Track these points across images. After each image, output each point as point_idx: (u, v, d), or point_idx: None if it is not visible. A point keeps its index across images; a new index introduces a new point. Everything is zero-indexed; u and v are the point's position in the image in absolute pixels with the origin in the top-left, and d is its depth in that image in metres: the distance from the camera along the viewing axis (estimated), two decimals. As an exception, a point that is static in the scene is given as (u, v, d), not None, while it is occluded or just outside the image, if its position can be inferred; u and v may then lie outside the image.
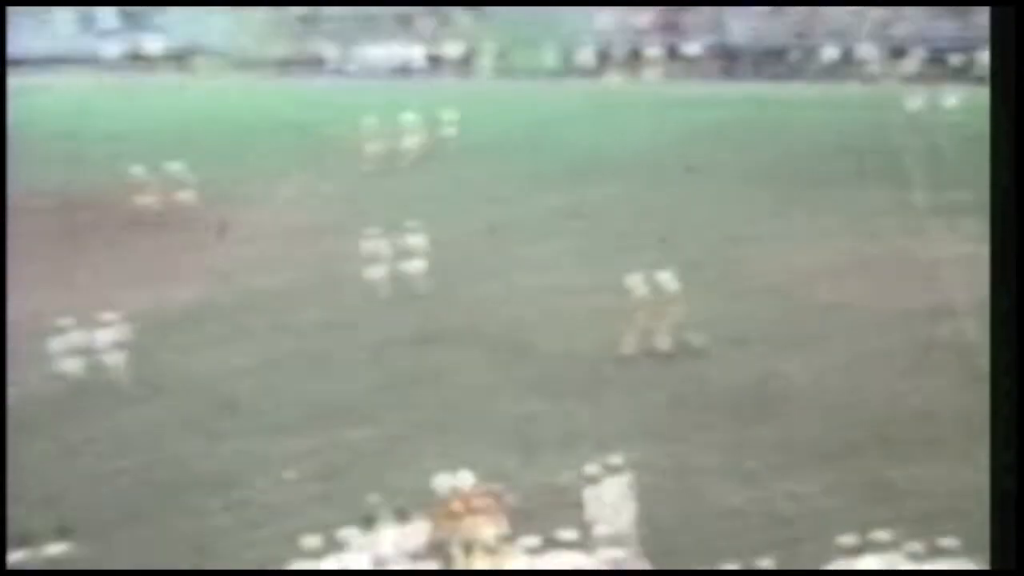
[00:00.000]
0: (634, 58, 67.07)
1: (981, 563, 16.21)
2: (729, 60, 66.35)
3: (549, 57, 66.98)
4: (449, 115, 48.40)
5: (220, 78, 65.93)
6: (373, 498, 18.83)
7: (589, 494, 19.35)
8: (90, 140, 51.51)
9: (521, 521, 18.76)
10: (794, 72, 64.05)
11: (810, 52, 65.00)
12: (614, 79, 65.40)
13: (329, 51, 68.99)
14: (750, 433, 24.53)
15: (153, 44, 69.42)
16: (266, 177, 44.97)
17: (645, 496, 21.55)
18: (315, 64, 68.45)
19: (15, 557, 17.38)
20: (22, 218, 38.86)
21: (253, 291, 33.27)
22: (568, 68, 66.79)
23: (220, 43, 69.64)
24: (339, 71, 67.91)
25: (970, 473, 20.02)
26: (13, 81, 53.28)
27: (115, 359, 26.58)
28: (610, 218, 39.70)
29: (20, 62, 65.27)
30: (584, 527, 18.16)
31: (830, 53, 63.73)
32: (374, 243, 32.30)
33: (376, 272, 32.02)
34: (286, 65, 68.08)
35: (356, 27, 69.13)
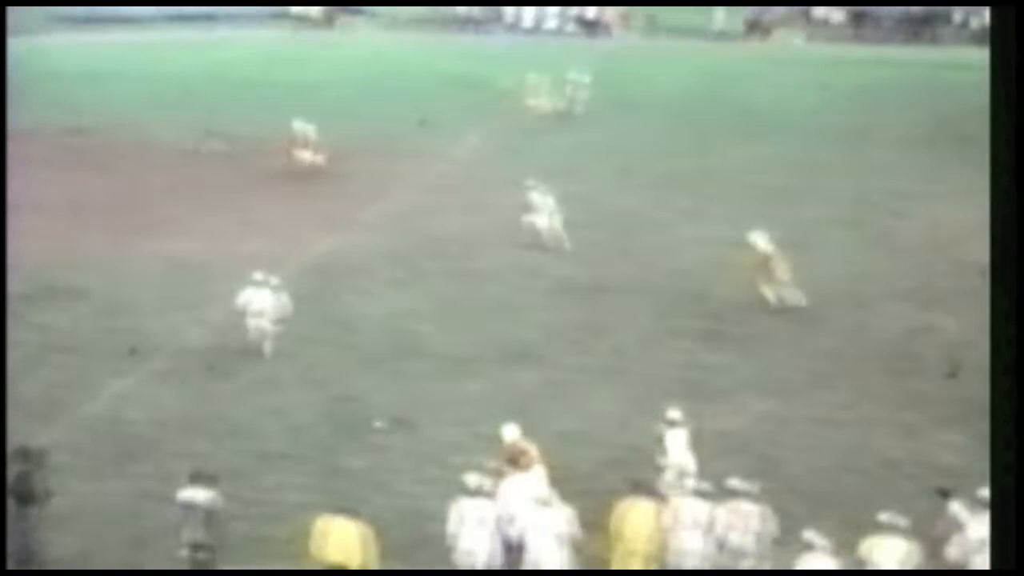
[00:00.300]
0: (804, 18, 67.90)
1: None
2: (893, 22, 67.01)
3: (717, 18, 67.76)
4: (609, 72, 49.29)
5: (392, 33, 67.68)
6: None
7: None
8: (266, 91, 53.27)
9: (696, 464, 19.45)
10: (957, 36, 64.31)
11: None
12: (781, 38, 66.13)
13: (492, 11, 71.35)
14: (908, 386, 25.13)
15: None
16: (440, 130, 46.08)
17: (805, 445, 22.43)
18: (487, 22, 70.26)
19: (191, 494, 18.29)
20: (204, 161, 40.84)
21: (431, 238, 34.38)
22: (731, 29, 67.59)
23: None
24: (512, 27, 69.43)
25: None
26: (201, 34, 55.34)
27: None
28: (774, 175, 40.39)
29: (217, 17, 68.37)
30: (750, 473, 18.58)
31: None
32: (542, 195, 33.42)
33: (545, 222, 33.11)
34: (463, 23, 70.12)
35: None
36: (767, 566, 17.43)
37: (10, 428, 21.22)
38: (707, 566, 17.49)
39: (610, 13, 69.58)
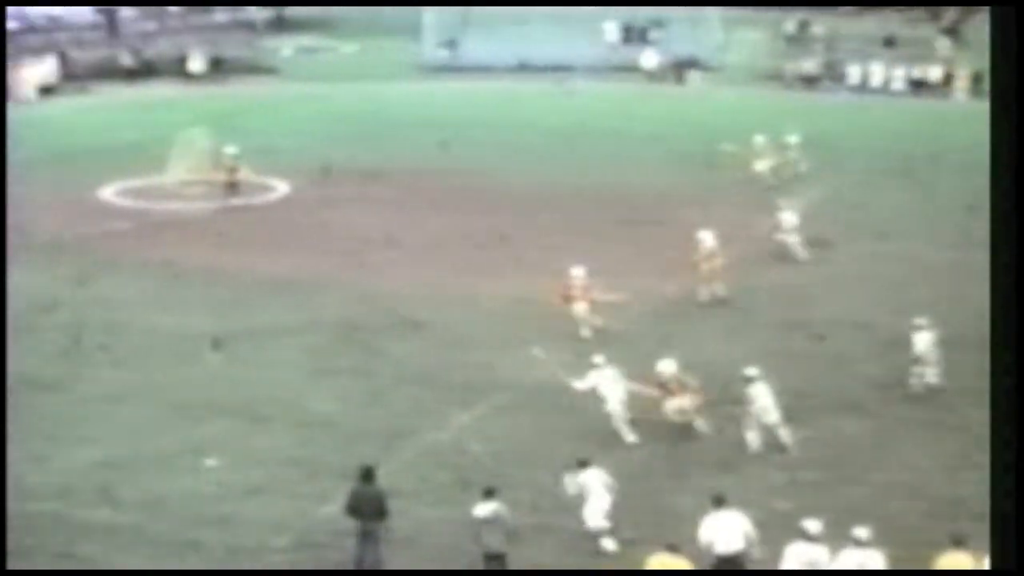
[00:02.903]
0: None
1: None
2: None
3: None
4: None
5: (741, 88, 69.00)
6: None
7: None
8: (615, 140, 54.97)
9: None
10: None
11: None
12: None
13: (815, 68, 72.96)
14: None
15: (649, 59, 75.15)
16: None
17: None
18: (813, 81, 71.64)
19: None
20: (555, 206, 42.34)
21: (769, 287, 34.84)
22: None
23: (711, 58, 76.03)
24: (828, 88, 70.52)
25: None
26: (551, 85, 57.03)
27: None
28: None
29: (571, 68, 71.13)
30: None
31: None
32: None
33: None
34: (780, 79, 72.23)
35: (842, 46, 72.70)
36: None
37: (357, 452, 23.16)
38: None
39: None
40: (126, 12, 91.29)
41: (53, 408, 26.84)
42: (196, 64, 75.12)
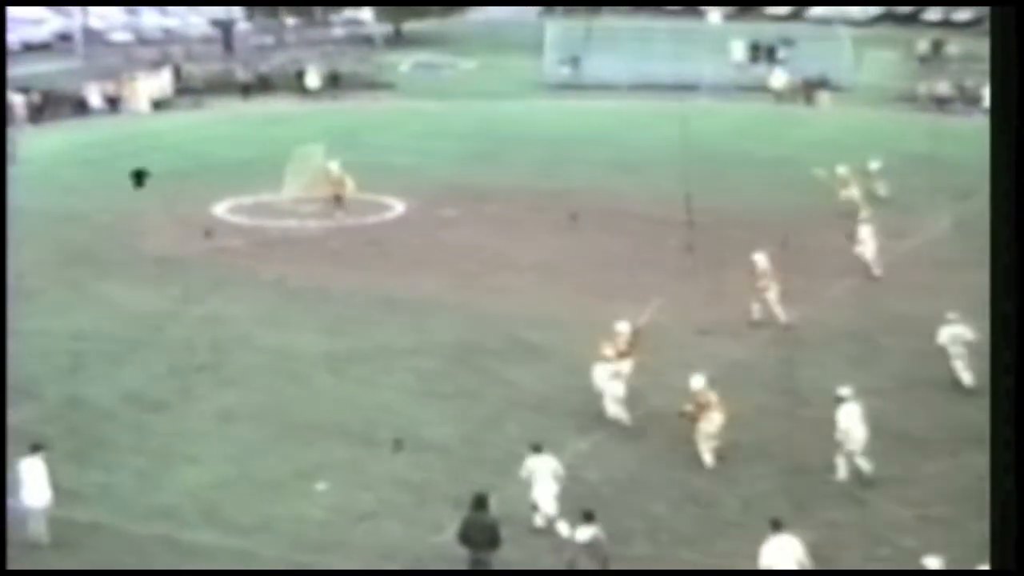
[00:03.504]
0: None
1: None
2: None
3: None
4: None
5: (867, 109, 68.48)
6: None
7: None
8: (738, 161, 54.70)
9: None
10: None
11: None
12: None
13: (949, 90, 71.95)
14: None
15: (778, 79, 75.02)
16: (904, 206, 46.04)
17: None
18: (946, 102, 70.63)
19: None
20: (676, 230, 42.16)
21: (895, 315, 34.57)
22: None
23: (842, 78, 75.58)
24: (962, 111, 68.85)
25: None
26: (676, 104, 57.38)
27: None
28: None
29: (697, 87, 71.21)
30: None
31: None
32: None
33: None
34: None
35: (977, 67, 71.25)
36: None
37: (470, 479, 23.15)
38: None
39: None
40: (241, 26, 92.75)
41: (161, 427, 27.15)
42: (312, 79, 75.94)
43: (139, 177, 41.82)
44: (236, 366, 30.72)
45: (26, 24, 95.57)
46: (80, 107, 69.83)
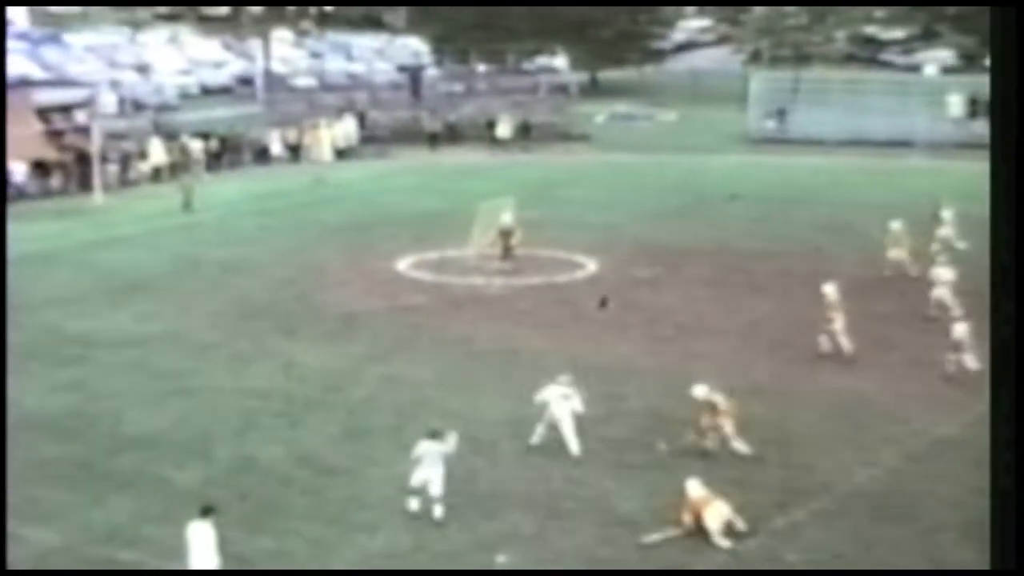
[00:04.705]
0: None
1: None
2: None
3: None
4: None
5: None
6: None
7: None
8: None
9: None
10: None
11: None
12: None
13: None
14: None
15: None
16: None
17: None
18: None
19: None
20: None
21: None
22: None
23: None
24: None
25: None
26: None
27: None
28: None
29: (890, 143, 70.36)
30: None
31: None
32: None
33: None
34: None
35: None
36: None
37: (662, 555, 22.93)
38: None
39: None
40: (430, 72, 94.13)
41: (336, 493, 27.35)
42: (503, 129, 76.63)
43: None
44: (417, 430, 30.85)
45: (206, 67, 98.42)
46: (260, 155, 71.43)
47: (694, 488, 25.15)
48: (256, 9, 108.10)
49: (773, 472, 28.17)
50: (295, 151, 72.23)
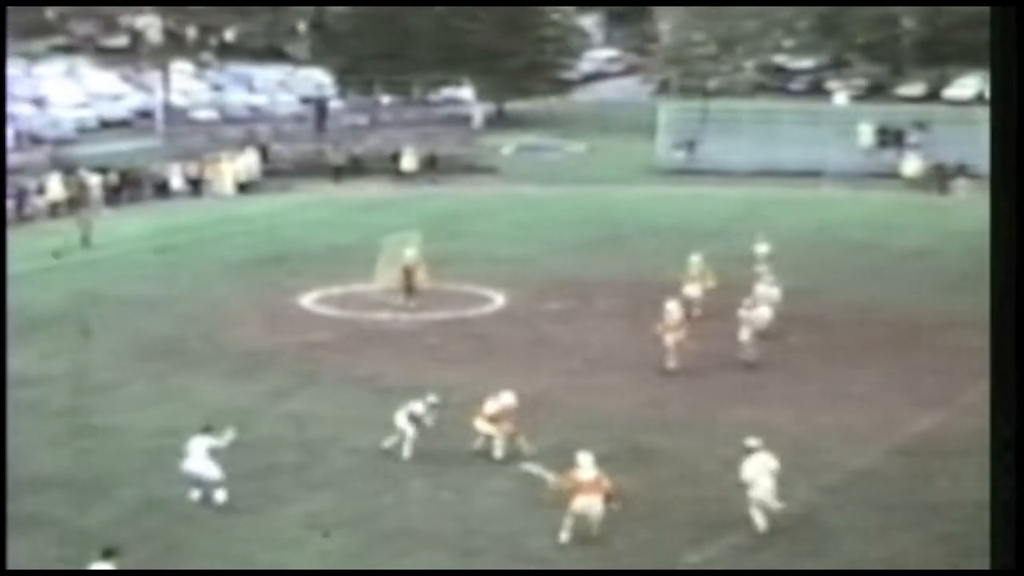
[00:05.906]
0: None
1: None
2: None
3: None
4: None
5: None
6: None
7: None
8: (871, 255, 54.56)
9: None
10: None
11: None
12: None
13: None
14: None
15: (911, 164, 76.10)
16: None
17: None
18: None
19: None
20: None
21: None
22: None
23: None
24: None
25: None
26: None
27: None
28: None
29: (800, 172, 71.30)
30: None
31: None
32: None
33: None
34: None
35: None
36: None
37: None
38: None
39: None
40: (334, 104, 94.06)
41: (242, 532, 27.33)
42: (409, 161, 76.70)
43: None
44: (325, 469, 30.91)
45: (104, 100, 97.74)
46: (160, 189, 71.06)
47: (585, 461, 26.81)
48: (155, 40, 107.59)
49: (688, 508, 28.47)
50: (196, 185, 71.85)
